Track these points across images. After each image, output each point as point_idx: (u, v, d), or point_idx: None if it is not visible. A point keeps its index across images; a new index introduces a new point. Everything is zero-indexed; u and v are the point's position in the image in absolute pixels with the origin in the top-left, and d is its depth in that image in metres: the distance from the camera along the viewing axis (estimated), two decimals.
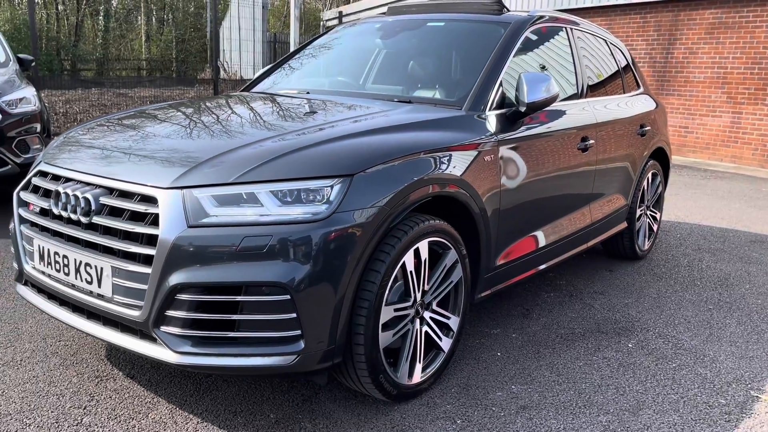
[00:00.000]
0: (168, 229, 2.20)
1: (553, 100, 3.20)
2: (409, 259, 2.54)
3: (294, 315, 2.21)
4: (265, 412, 2.57)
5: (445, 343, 2.85)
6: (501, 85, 3.24)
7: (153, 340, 2.28)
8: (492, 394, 2.80)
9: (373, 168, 2.41)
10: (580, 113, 3.81)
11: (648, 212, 4.99)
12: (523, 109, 3.14)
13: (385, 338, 2.50)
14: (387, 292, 2.45)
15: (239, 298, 2.20)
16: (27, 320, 3.35)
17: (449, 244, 2.75)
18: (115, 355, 2.99)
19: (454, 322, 2.88)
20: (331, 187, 2.30)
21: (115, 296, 2.34)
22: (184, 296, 2.21)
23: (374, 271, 2.41)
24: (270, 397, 2.68)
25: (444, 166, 2.70)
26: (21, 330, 3.23)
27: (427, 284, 2.69)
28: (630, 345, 3.37)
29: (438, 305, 2.82)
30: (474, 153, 2.89)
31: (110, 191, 2.39)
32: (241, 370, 2.26)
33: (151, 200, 2.28)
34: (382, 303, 2.43)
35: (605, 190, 4.16)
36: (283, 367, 2.25)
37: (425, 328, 2.73)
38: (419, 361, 2.70)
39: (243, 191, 2.26)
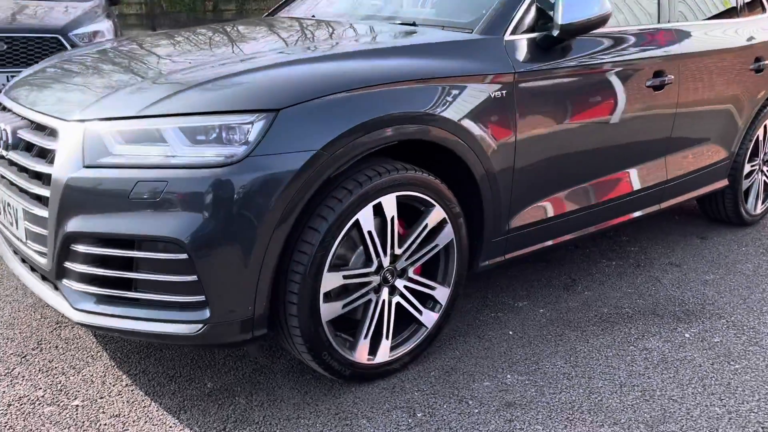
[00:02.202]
0: (62, 168, 1.91)
1: (601, 21, 2.51)
2: (365, 216, 2.08)
3: (195, 278, 1.85)
4: (203, 380, 2.27)
5: (427, 318, 2.37)
6: (534, 1, 2.58)
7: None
8: (478, 383, 2.31)
9: (308, 102, 1.95)
10: (653, 41, 3.03)
11: (765, 168, 4.06)
12: (556, 32, 2.48)
13: (330, 309, 2.09)
14: (331, 255, 2.02)
15: (133, 253, 1.88)
16: None
17: (432, 201, 2.24)
18: None
19: (441, 293, 2.39)
20: (252, 124, 1.88)
21: (28, 241, 2.11)
22: (79, 247, 1.92)
23: (312, 229, 1.98)
24: (219, 362, 2.38)
25: (424, 104, 2.17)
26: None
27: (399, 247, 2.22)
28: (687, 335, 2.69)
29: (419, 273, 2.34)
30: (477, 89, 2.32)
31: (31, 123, 2.13)
32: (145, 336, 1.96)
33: (54, 134, 1.99)
34: (323, 268, 2.01)
35: (692, 139, 3.35)
36: (189, 337, 1.92)
37: (396, 298, 2.27)
38: (386, 338, 2.26)
39: (148, 126, 1.90)
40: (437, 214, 2.28)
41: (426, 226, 2.27)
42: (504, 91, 2.39)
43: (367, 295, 2.19)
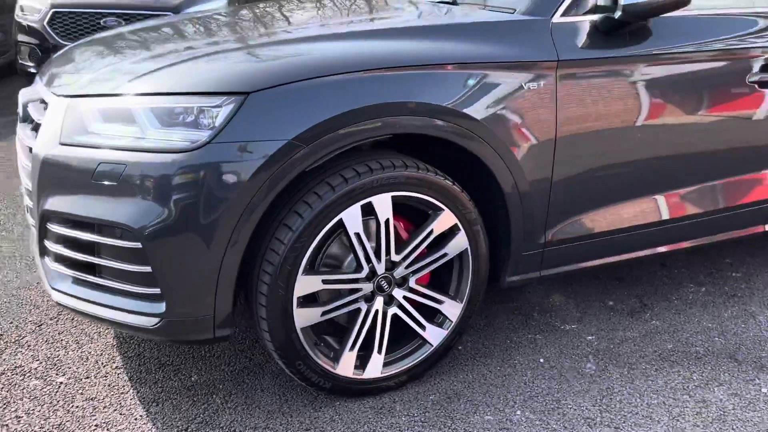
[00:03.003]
0: (41, 144, 1.88)
1: (677, 2, 2.08)
2: (351, 217, 1.86)
3: (148, 269, 1.74)
4: (190, 372, 2.19)
5: (433, 334, 2.11)
6: None
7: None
8: (479, 416, 2.02)
9: (285, 86, 1.76)
10: (762, 28, 2.48)
11: None
12: (618, 14, 2.08)
13: (306, 315, 1.90)
14: (307, 256, 1.83)
15: (94, 237, 1.80)
16: None
17: (440, 204, 1.97)
18: None
19: (451, 308, 2.11)
20: (220, 107, 1.72)
21: (27, 215, 2.12)
22: (52, 226, 1.89)
23: (287, 227, 1.80)
24: (215, 354, 2.29)
25: (430, 93, 1.89)
26: None
27: (397, 254, 1.97)
28: (765, 390, 2.20)
29: (426, 282, 2.09)
30: (504, 78, 2.00)
31: (40, 98, 2.14)
32: (111, 324, 1.90)
33: (45, 109, 1.97)
34: (296, 270, 1.83)
35: None
36: (147, 330, 1.82)
37: (393, 310, 2.03)
38: (378, 351, 2.04)
39: (119, 105, 1.81)
40: (446, 220, 2.00)
41: (431, 232, 2.00)
42: (542, 83, 2.04)
43: (354, 304, 1.97)
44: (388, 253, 1.96)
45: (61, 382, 2.11)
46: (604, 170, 2.23)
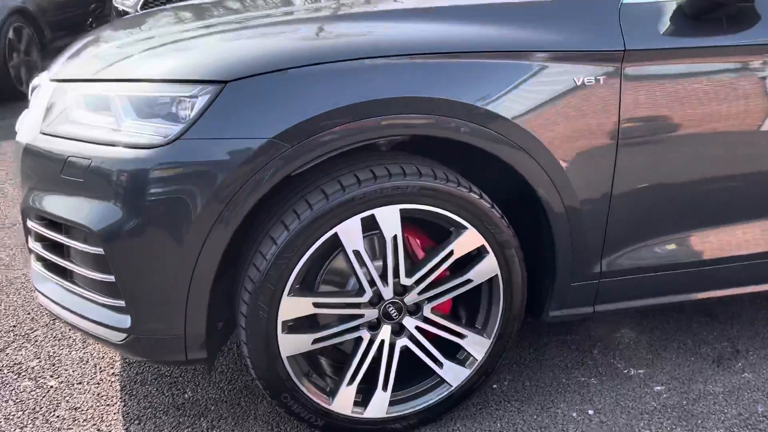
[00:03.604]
0: (24, 132, 1.73)
1: None
2: (349, 231, 1.57)
3: (111, 278, 1.54)
4: (185, 388, 2.00)
5: (452, 373, 1.79)
6: None
7: None
8: None
9: (270, 75, 1.49)
10: None
11: None
12: None
13: (293, 343, 1.64)
14: (294, 274, 1.56)
15: (62, 239, 1.63)
16: None
17: (462, 221, 1.64)
18: None
19: (476, 344, 1.78)
20: (196, 97, 1.48)
21: None
22: (30, 223, 1.73)
23: (271, 239, 1.54)
24: (217, 368, 2.08)
25: (451, 88, 1.56)
26: None
27: (408, 277, 1.66)
28: None
29: (444, 313, 1.77)
30: (553, 72, 1.63)
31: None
32: (87, 335, 1.72)
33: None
34: (281, 290, 1.56)
35: None
36: (116, 346, 1.63)
37: (403, 341, 1.73)
38: (383, 388, 1.74)
39: (100, 92, 1.62)
40: (470, 240, 1.67)
41: (450, 253, 1.67)
42: (602, 77, 1.65)
43: (354, 332, 1.68)
44: (396, 275, 1.65)
45: (51, 386, 1.98)
46: (685, 187, 1.80)
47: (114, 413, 1.87)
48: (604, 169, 1.70)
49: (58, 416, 1.86)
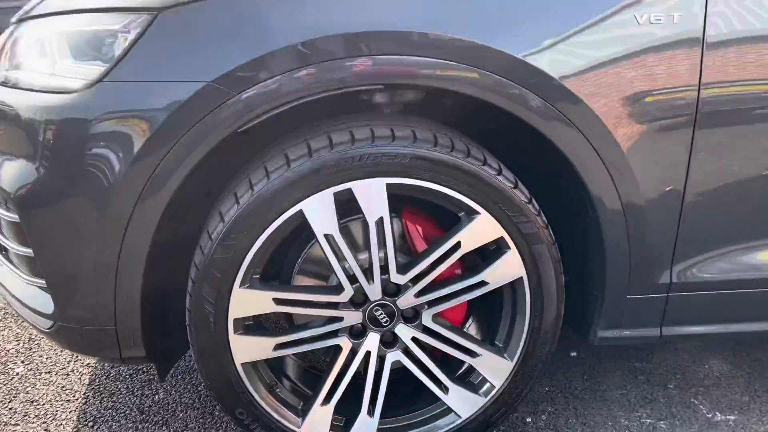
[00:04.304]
0: None
1: None
2: (317, 209, 1.21)
3: (29, 251, 1.27)
4: (158, 389, 1.71)
5: (460, 401, 1.39)
6: None
7: None
8: None
9: (215, 2, 1.15)
10: None
11: None
12: None
13: (251, 347, 1.30)
14: (248, 260, 1.22)
15: None
16: None
17: (474, 203, 1.24)
18: None
19: (494, 366, 1.38)
20: (127, 31, 1.18)
21: None
22: None
23: (219, 216, 1.22)
24: None
25: (455, 22, 1.16)
26: None
27: (401, 273, 1.28)
28: None
29: (454, 324, 1.38)
30: (605, 3, 1.20)
31: None
32: (23, 318, 1.46)
33: None
34: (232, 279, 1.23)
35: None
36: (46, 334, 1.36)
37: (396, 355, 1.35)
38: (368, 413, 1.37)
39: (43, 31, 1.35)
40: (484, 229, 1.26)
41: (457, 245, 1.27)
42: (676, 14, 1.19)
43: (330, 338, 1.33)
44: (385, 271, 1.28)
45: (17, 373, 1.76)
46: None
47: (70, 411, 1.62)
48: (678, 144, 1.24)
49: (10, 408, 1.63)
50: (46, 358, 1.82)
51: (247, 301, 1.25)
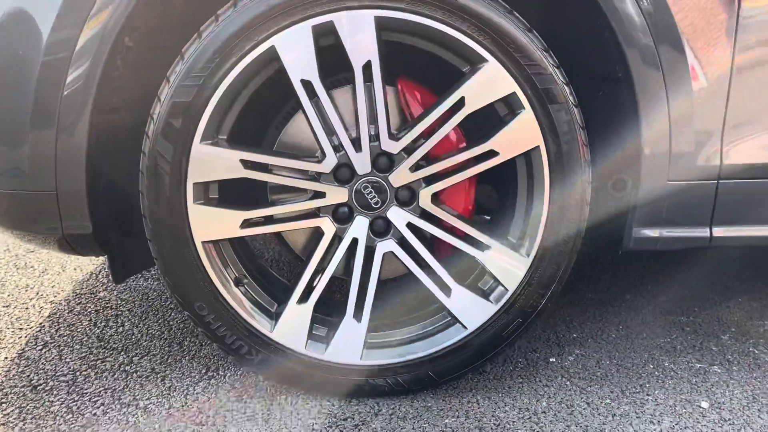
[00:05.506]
0: None
1: None
2: (292, 44, 1.03)
3: None
4: (124, 322, 1.50)
5: (466, 306, 1.15)
6: None
7: None
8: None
9: None
10: None
11: None
12: None
13: (212, 222, 1.10)
14: (209, 109, 1.04)
15: None
16: None
17: (481, 49, 1.04)
18: None
19: (503, 262, 1.14)
20: None
21: None
22: None
23: (180, 55, 1.04)
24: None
25: None
26: None
27: (393, 140, 1.08)
28: None
29: (468, 212, 1.16)
30: None
31: None
32: None
33: None
34: (191, 132, 1.04)
35: None
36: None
37: (388, 245, 1.13)
38: (354, 316, 1.14)
39: None
40: (494, 81, 1.06)
41: (460, 102, 1.06)
42: None
43: (308, 219, 1.11)
44: (376, 137, 1.07)
45: None
46: None
47: (19, 338, 1.41)
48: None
49: None
50: (8, 296, 1.63)
51: (210, 160, 1.06)
